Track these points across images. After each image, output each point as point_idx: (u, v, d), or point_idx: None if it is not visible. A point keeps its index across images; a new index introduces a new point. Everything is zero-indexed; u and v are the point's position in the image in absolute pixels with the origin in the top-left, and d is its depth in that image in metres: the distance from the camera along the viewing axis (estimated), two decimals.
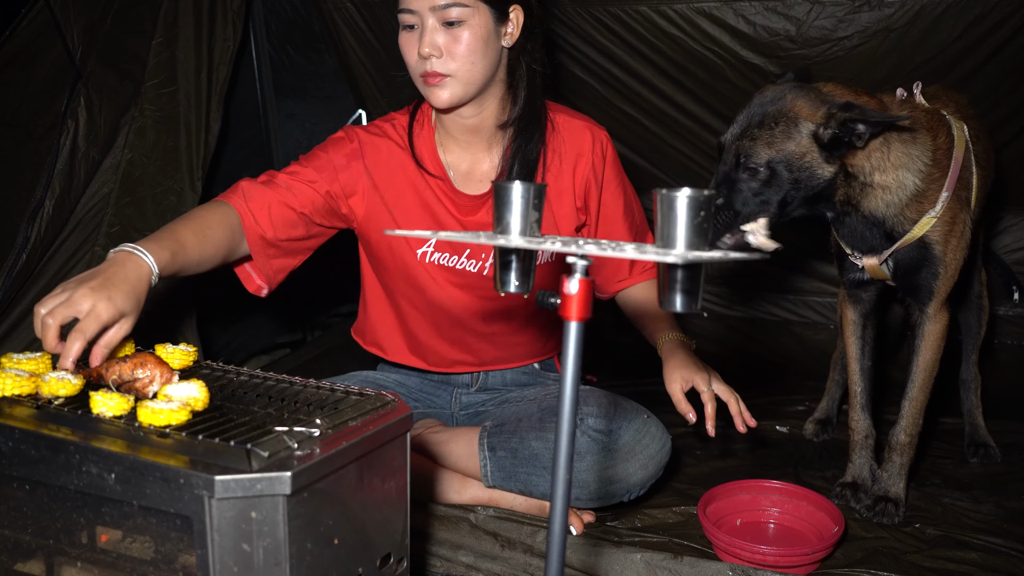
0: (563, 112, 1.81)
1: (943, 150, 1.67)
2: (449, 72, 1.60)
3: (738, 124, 1.59)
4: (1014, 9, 2.08)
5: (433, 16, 1.57)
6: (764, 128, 1.55)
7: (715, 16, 2.29)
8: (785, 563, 1.57)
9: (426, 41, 1.57)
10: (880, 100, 1.65)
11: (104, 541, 1.12)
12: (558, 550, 0.92)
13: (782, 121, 1.54)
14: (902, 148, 1.62)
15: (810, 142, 1.54)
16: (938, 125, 1.69)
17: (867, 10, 2.18)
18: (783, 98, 1.56)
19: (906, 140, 1.62)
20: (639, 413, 1.73)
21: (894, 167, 1.61)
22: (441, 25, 1.58)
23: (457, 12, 1.57)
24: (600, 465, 1.67)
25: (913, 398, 1.79)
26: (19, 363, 1.25)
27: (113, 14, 2.09)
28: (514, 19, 1.66)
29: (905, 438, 1.81)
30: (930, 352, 1.77)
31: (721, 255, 0.86)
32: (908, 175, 1.62)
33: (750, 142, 1.55)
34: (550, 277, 1.82)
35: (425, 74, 1.61)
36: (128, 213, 2.05)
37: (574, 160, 1.78)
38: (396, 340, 1.91)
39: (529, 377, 1.98)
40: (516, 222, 0.93)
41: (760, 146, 1.55)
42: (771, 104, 1.56)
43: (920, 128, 1.65)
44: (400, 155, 1.76)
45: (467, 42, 1.58)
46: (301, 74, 2.87)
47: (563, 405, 0.90)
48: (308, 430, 1.09)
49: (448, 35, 1.58)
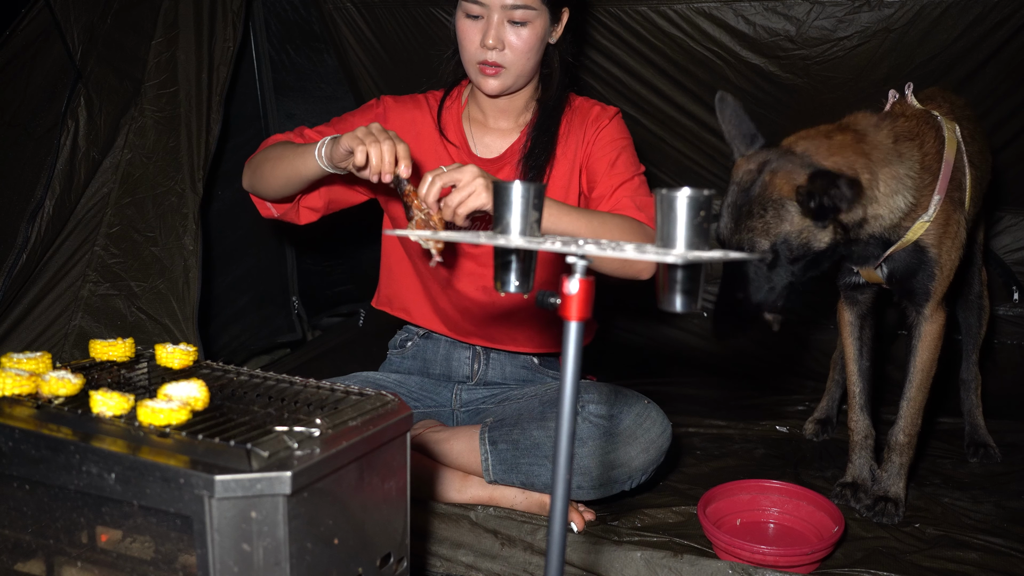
0: (585, 100, 1.91)
1: (932, 155, 1.67)
2: (505, 64, 1.73)
3: (729, 216, 1.59)
4: (1014, 9, 2.08)
5: (501, 12, 1.69)
6: (755, 217, 1.55)
7: (715, 16, 2.29)
8: (785, 563, 1.57)
9: (492, 34, 1.69)
10: (856, 132, 1.63)
11: (104, 541, 1.12)
12: (558, 548, 0.92)
13: (770, 206, 1.54)
14: (889, 173, 1.61)
15: (801, 218, 1.54)
16: (926, 129, 1.69)
17: (867, 10, 2.18)
18: (760, 179, 1.56)
19: (891, 161, 1.61)
20: (639, 398, 1.75)
21: (885, 196, 1.61)
22: (506, 21, 1.70)
23: (523, 13, 1.69)
24: (602, 450, 1.68)
25: (911, 398, 1.79)
26: (19, 363, 1.25)
27: (113, 14, 2.09)
28: (563, 19, 1.79)
29: (904, 438, 1.81)
30: (927, 352, 1.77)
31: (721, 255, 0.86)
32: (900, 198, 1.62)
33: (748, 234, 1.56)
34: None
35: (483, 63, 1.73)
36: (128, 213, 2.05)
37: (581, 131, 1.86)
38: (420, 303, 1.99)
39: (529, 372, 1.99)
40: (516, 222, 0.93)
41: (758, 236, 1.56)
42: (753, 189, 1.56)
43: (903, 139, 1.64)
44: (424, 120, 1.88)
45: (528, 40, 1.71)
46: (301, 74, 2.87)
47: (563, 396, 0.90)
48: (308, 430, 1.09)
49: (512, 32, 1.70)
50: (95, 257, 1.99)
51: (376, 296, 2.08)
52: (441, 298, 1.95)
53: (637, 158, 1.87)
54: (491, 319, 1.93)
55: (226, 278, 2.56)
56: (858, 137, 1.62)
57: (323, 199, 1.85)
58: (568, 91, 1.89)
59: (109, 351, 1.34)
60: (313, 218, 1.87)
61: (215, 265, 2.47)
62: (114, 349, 1.35)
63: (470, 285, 1.89)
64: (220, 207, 2.49)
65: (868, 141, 1.62)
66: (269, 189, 1.74)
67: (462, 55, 1.77)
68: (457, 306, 1.93)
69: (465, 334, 1.97)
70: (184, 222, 2.09)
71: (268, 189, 1.74)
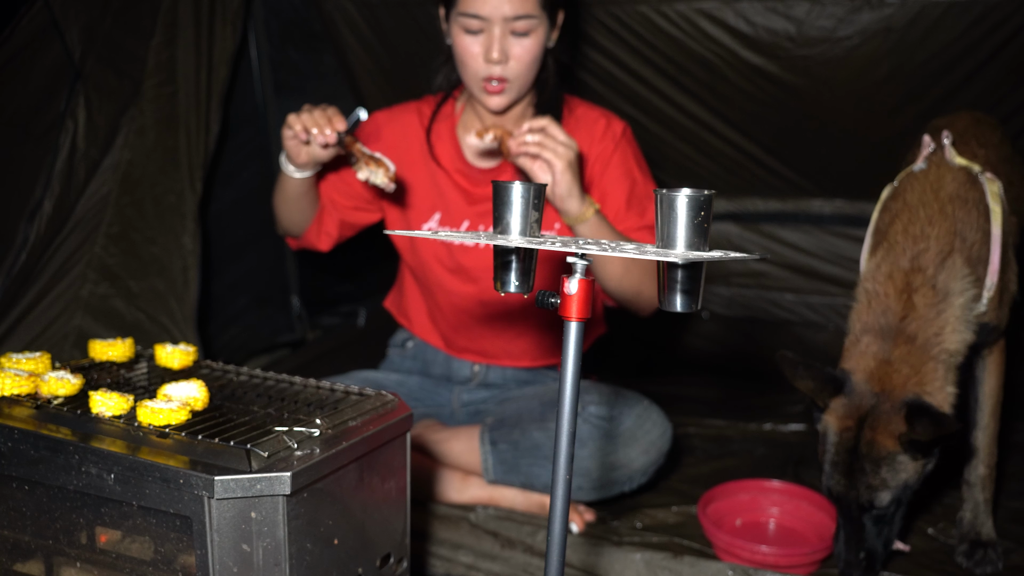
0: (584, 105, 1.87)
1: (978, 243, 1.59)
2: (510, 77, 1.67)
3: (839, 474, 1.53)
4: (1014, 9, 2.08)
5: (502, 24, 1.63)
6: (870, 475, 1.51)
7: (715, 16, 2.29)
8: (785, 563, 1.57)
9: (496, 48, 1.63)
10: (908, 336, 1.53)
11: (104, 541, 1.12)
12: (558, 549, 0.92)
13: (882, 463, 1.50)
14: (954, 316, 1.54)
15: (913, 463, 1.51)
16: (968, 208, 1.60)
17: (867, 10, 2.18)
18: (862, 438, 1.51)
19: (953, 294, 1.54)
20: (640, 400, 1.75)
21: (952, 332, 1.54)
22: (509, 33, 1.64)
23: (525, 23, 1.64)
24: (602, 451, 1.68)
25: (986, 426, 1.72)
26: (19, 363, 1.25)
27: (112, 14, 2.09)
28: (559, 22, 1.75)
29: (984, 470, 1.73)
30: (995, 379, 1.73)
31: (721, 255, 0.86)
32: (964, 328, 1.55)
33: (867, 492, 1.52)
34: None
35: (489, 78, 1.67)
36: (128, 213, 2.05)
37: (586, 148, 1.82)
38: (421, 315, 2.00)
39: (530, 375, 1.99)
40: (516, 222, 0.93)
41: (878, 492, 1.51)
42: (859, 448, 1.51)
43: (954, 252, 1.57)
44: (416, 133, 1.86)
45: (531, 50, 1.67)
46: (301, 74, 2.87)
47: (563, 397, 0.90)
48: (308, 430, 1.09)
49: (516, 43, 1.65)
50: (95, 257, 1.99)
51: (388, 296, 2.10)
52: (440, 318, 1.95)
53: (649, 173, 1.85)
54: (486, 338, 1.93)
55: (226, 278, 2.55)
56: (916, 347, 1.53)
57: (334, 221, 1.87)
58: (563, 92, 1.85)
59: (108, 351, 1.34)
60: (331, 242, 1.90)
61: (215, 265, 2.46)
62: (113, 349, 1.35)
63: (469, 300, 1.89)
64: (219, 207, 2.48)
65: (926, 350, 1.54)
66: (286, 222, 1.84)
67: (463, 72, 1.71)
68: (454, 325, 1.93)
69: (459, 350, 1.97)
70: (183, 222, 2.09)
71: (285, 223, 1.84)
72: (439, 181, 1.84)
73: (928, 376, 1.51)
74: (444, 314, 1.93)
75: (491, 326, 1.91)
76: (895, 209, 1.67)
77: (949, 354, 1.53)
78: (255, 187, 2.64)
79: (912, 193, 1.65)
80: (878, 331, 1.56)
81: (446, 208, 1.84)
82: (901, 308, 1.55)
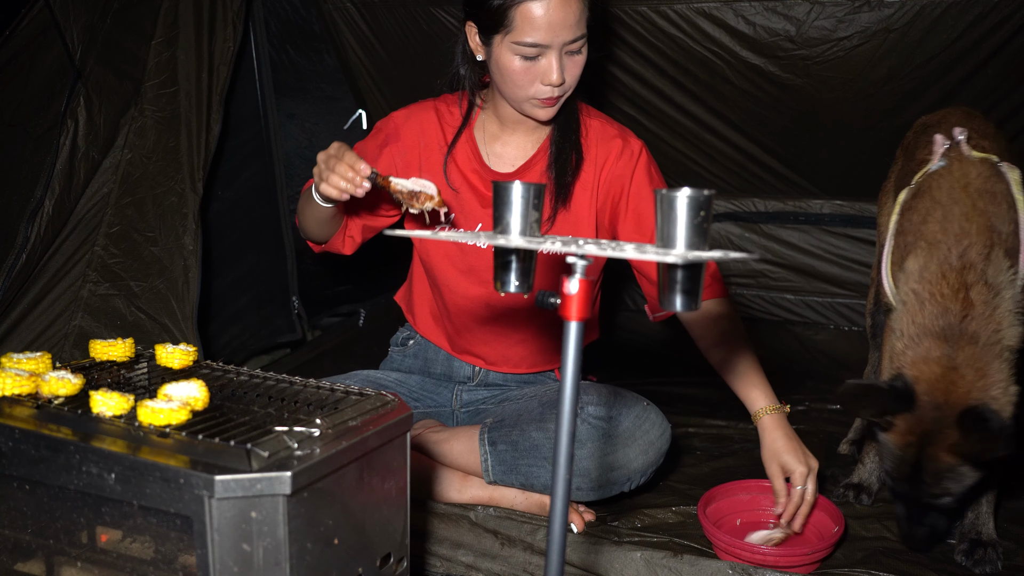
0: (600, 118, 1.86)
1: (1012, 233, 1.57)
2: (563, 92, 1.69)
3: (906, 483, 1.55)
4: (1014, 9, 2.08)
5: (560, 48, 1.64)
6: (934, 486, 1.52)
7: (715, 16, 2.29)
8: (785, 563, 1.57)
9: (557, 71, 1.63)
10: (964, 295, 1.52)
11: (104, 541, 1.12)
12: (558, 548, 0.92)
13: (944, 475, 1.51)
14: (1007, 311, 1.52)
15: (974, 470, 1.51)
16: (999, 198, 1.58)
17: (867, 10, 2.18)
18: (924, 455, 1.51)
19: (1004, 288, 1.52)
20: (639, 400, 1.75)
21: (1009, 327, 1.53)
22: (565, 54, 1.65)
23: (580, 43, 1.66)
24: (601, 452, 1.68)
25: None
26: (19, 363, 1.25)
27: (113, 14, 2.09)
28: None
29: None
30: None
31: (721, 255, 0.86)
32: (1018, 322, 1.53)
33: (934, 500, 1.54)
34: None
35: (548, 99, 1.68)
36: (128, 213, 2.05)
37: (600, 163, 1.81)
38: (427, 313, 2.01)
39: (530, 375, 1.99)
40: (516, 222, 0.93)
41: (945, 498, 1.54)
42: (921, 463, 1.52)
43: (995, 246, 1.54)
44: (437, 131, 1.86)
45: (582, 64, 1.69)
46: (301, 74, 2.87)
47: (563, 398, 0.90)
48: (308, 430, 1.09)
49: (570, 61, 1.67)
50: (95, 257, 1.99)
51: (400, 290, 2.11)
52: (445, 318, 1.96)
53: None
54: (487, 342, 1.93)
55: (226, 278, 2.55)
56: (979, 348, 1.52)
57: (357, 227, 1.87)
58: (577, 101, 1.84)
59: (109, 351, 1.34)
60: (354, 246, 1.90)
61: (215, 265, 2.46)
62: (114, 349, 1.35)
63: (476, 303, 1.89)
64: (220, 207, 2.49)
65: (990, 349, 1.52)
66: (311, 234, 1.84)
67: (512, 89, 1.69)
68: (458, 326, 1.94)
69: (460, 352, 1.97)
70: (184, 222, 2.09)
71: (311, 234, 1.85)
72: (455, 182, 1.85)
73: (993, 378, 1.48)
74: (449, 314, 1.93)
75: (494, 330, 1.91)
76: (924, 208, 1.63)
77: (1011, 351, 1.51)
78: (255, 187, 2.64)
79: (940, 191, 1.62)
80: (939, 333, 1.52)
81: (461, 209, 1.84)
82: (960, 307, 1.52)
